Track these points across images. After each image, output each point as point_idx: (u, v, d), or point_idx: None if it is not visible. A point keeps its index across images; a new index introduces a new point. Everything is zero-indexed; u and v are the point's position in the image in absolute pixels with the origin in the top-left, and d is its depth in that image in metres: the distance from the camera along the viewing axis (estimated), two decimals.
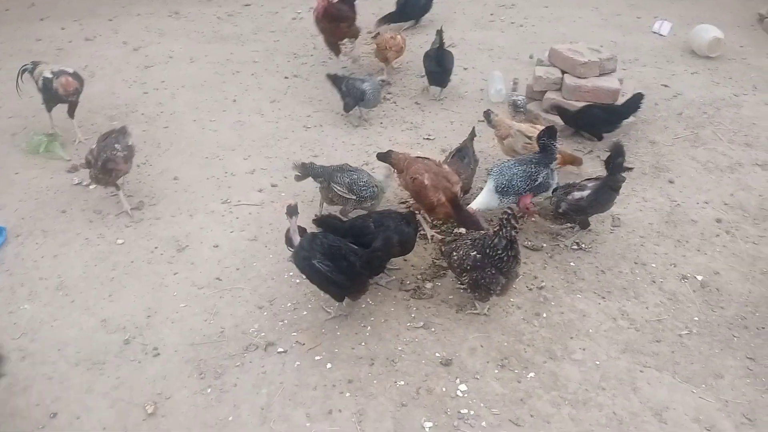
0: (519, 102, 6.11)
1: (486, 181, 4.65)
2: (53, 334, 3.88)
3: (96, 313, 4.03)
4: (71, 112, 5.56)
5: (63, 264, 4.39)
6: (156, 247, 4.54)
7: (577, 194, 4.33)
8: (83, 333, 3.89)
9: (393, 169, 4.64)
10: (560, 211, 4.37)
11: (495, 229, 3.73)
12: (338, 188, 4.48)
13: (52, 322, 3.95)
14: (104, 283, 4.25)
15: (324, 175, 4.55)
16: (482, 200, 4.54)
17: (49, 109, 5.54)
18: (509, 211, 3.66)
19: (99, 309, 4.05)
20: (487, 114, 5.17)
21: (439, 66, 6.23)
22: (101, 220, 4.78)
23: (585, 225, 4.56)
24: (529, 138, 4.93)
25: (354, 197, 4.48)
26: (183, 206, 4.94)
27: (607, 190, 4.36)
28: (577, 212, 4.38)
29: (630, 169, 4.45)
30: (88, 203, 4.94)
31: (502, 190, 4.53)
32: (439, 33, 6.26)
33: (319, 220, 4.10)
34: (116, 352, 3.76)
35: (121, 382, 3.59)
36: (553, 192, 4.56)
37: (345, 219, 4.32)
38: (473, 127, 5.15)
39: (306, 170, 4.60)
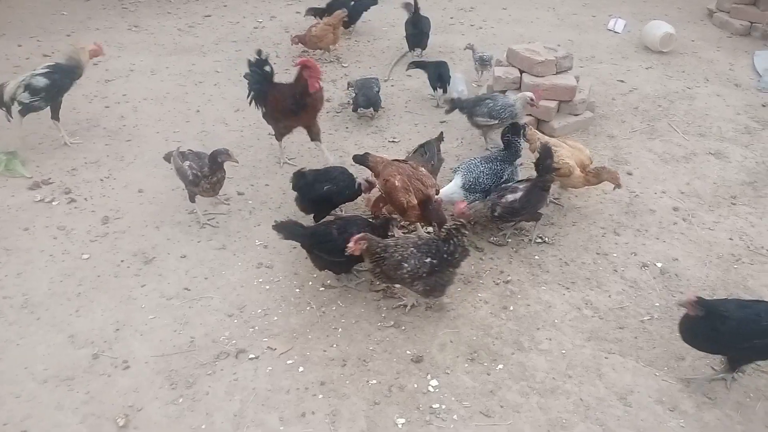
0: (485, 57, 6.48)
1: (452, 178, 4.75)
2: (20, 352, 3.82)
3: (63, 329, 3.98)
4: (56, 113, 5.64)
5: (28, 282, 4.33)
6: (122, 261, 4.51)
7: (510, 197, 4.43)
8: (51, 350, 3.84)
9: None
10: (495, 214, 4.45)
11: (444, 236, 3.84)
12: (480, 119, 5.31)
13: (18, 341, 3.89)
14: (71, 298, 4.20)
15: (467, 107, 5.44)
16: (447, 193, 4.64)
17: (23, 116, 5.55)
18: (459, 221, 3.85)
19: (66, 325, 4.01)
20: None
21: (415, 28, 7.10)
22: (65, 236, 4.73)
23: (537, 218, 4.63)
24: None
25: (496, 121, 5.24)
26: (149, 218, 4.92)
27: (538, 191, 4.48)
28: (512, 214, 4.46)
29: (558, 169, 4.62)
30: (51, 220, 4.89)
31: (469, 188, 4.63)
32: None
33: (279, 226, 4.10)
34: (85, 367, 3.72)
35: (91, 396, 3.56)
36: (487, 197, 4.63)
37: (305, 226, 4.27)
38: (441, 132, 5.22)
39: (454, 104, 5.54)
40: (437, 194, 4.40)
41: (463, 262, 3.99)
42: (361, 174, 4.77)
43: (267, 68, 5.27)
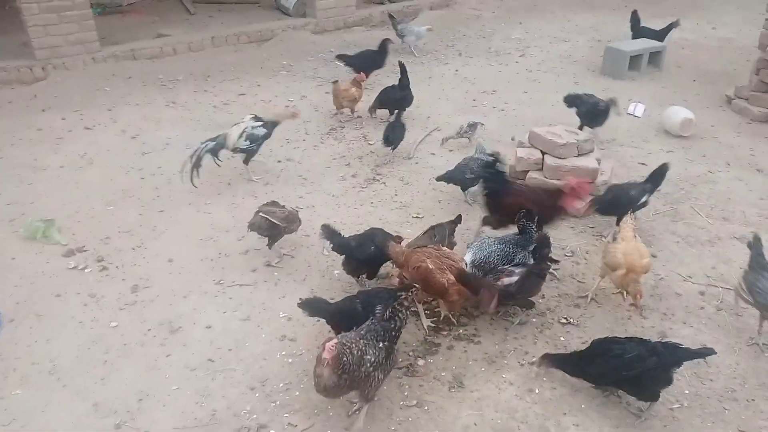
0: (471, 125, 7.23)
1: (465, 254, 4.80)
2: (45, 419, 3.84)
3: (87, 397, 4.00)
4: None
5: (56, 348, 4.39)
6: (149, 329, 4.57)
7: (506, 280, 4.44)
8: (74, 418, 3.85)
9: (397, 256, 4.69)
10: None
11: (389, 315, 3.83)
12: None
13: (43, 408, 3.92)
14: (97, 366, 4.25)
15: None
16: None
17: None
18: (400, 300, 3.91)
19: (91, 393, 4.03)
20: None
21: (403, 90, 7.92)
22: (95, 303, 4.83)
23: (529, 306, 4.64)
24: None
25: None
26: (177, 288, 5.01)
27: (534, 277, 4.51)
28: (506, 297, 4.45)
29: (556, 261, 4.66)
30: (83, 287, 5.00)
31: (478, 265, 4.68)
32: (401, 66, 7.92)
33: (304, 303, 4.13)
34: None
35: None
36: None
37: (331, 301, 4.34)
38: (459, 215, 5.29)
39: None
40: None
41: (487, 341, 3.96)
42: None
43: (500, 168, 5.50)
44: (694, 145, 7.45)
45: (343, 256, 4.91)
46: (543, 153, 6.20)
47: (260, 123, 6.47)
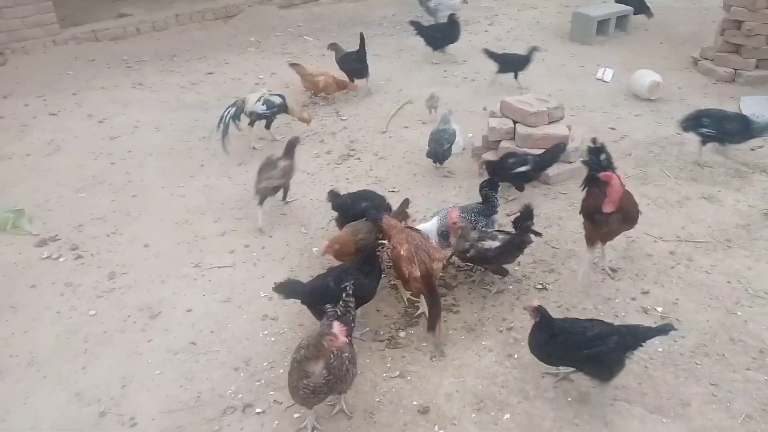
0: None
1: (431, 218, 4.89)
2: (26, 411, 3.82)
3: (69, 386, 3.99)
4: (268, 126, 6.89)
5: (34, 339, 4.35)
6: (129, 316, 4.55)
7: (487, 244, 4.52)
8: (57, 408, 3.84)
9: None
10: (468, 255, 4.55)
11: (343, 310, 3.74)
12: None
13: (24, 400, 3.90)
14: (77, 355, 4.22)
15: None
16: (426, 228, 4.73)
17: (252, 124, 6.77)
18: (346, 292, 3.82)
19: (72, 382, 4.02)
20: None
21: (360, 63, 7.82)
22: (72, 292, 4.78)
23: (502, 273, 4.71)
24: None
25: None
26: (154, 273, 4.98)
27: (513, 247, 4.59)
28: (483, 260, 4.55)
29: (538, 234, 4.69)
30: (58, 276, 4.94)
31: (442, 234, 4.76)
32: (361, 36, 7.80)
33: (279, 287, 4.13)
34: (92, 425, 3.72)
35: None
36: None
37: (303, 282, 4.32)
38: (406, 199, 5.21)
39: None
40: (443, 268, 4.44)
41: (466, 310, 4.03)
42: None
43: (603, 156, 4.93)
44: (663, 107, 7.55)
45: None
46: (515, 122, 6.23)
47: (277, 93, 6.81)
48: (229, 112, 6.47)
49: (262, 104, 6.61)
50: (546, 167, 5.85)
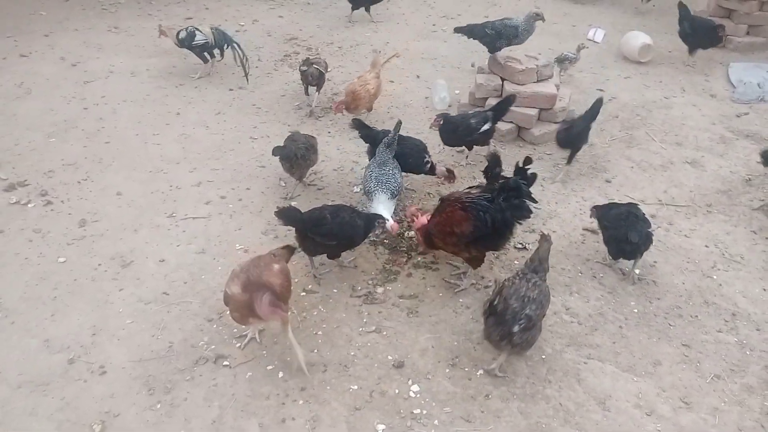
0: (569, 56, 6.93)
1: (373, 198, 4.64)
2: None
3: (38, 334, 3.90)
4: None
5: (2, 285, 4.23)
6: (100, 264, 4.44)
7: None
8: (25, 355, 3.76)
9: None
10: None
11: None
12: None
13: None
14: (46, 303, 4.12)
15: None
16: (386, 213, 4.54)
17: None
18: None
19: (41, 330, 3.93)
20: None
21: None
22: (41, 239, 4.64)
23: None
24: None
25: None
26: (127, 222, 4.85)
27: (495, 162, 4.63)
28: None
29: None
30: (27, 222, 4.79)
31: (395, 195, 4.68)
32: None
33: (280, 212, 4.12)
34: (61, 373, 3.65)
35: (67, 403, 3.49)
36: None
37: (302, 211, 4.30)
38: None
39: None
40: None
41: (445, 268, 3.99)
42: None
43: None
44: (652, 71, 7.45)
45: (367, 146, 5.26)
46: (503, 79, 6.10)
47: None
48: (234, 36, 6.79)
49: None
50: (499, 119, 5.55)
